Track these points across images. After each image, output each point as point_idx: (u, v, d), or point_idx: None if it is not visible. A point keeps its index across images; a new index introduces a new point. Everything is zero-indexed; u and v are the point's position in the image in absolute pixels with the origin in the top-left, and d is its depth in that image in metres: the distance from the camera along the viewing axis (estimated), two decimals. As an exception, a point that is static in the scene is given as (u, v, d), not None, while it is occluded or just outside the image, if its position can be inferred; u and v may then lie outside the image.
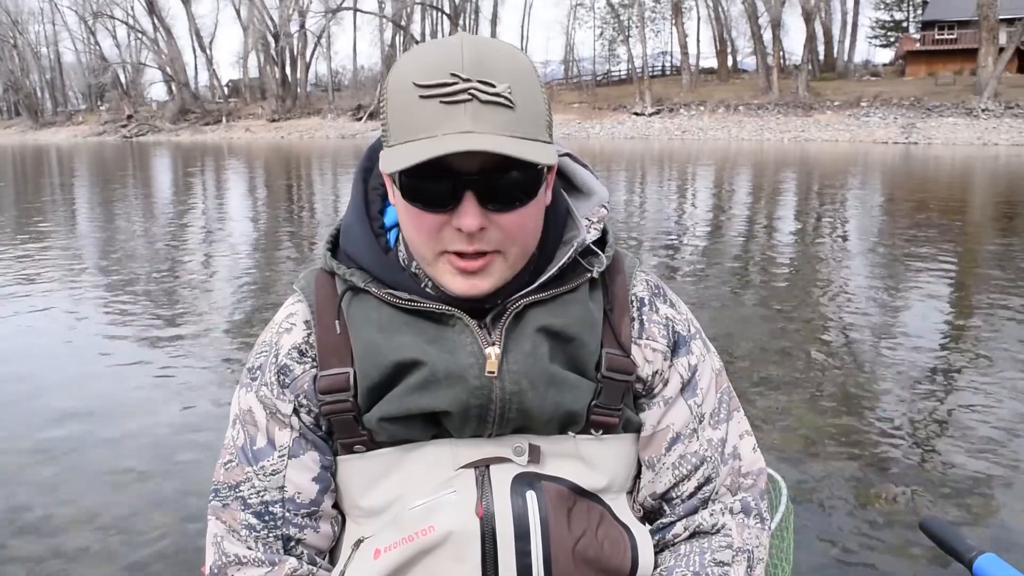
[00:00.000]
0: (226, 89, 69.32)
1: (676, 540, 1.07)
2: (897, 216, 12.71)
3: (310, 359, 1.03)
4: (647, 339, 1.06)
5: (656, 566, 1.05)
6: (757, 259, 8.99)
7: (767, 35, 48.42)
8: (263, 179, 22.83)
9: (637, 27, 54.16)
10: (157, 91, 76.99)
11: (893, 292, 7.17)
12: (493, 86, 0.87)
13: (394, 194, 0.97)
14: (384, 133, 0.94)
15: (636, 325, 1.06)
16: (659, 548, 1.07)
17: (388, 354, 0.98)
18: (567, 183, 1.11)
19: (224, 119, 59.26)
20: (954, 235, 10.67)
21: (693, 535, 1.06)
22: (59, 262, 8.81)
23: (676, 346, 1.08)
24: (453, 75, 0.87)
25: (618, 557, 1.01)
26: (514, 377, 0.97)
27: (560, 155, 1.09)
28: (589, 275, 1.03)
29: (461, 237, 0.92)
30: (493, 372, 0.96)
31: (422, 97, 0.88)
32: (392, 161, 0.89)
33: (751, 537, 1.05)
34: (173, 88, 65.96)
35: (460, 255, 0.93)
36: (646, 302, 1.08)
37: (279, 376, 1.03)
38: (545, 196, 0.99)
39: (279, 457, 1.02)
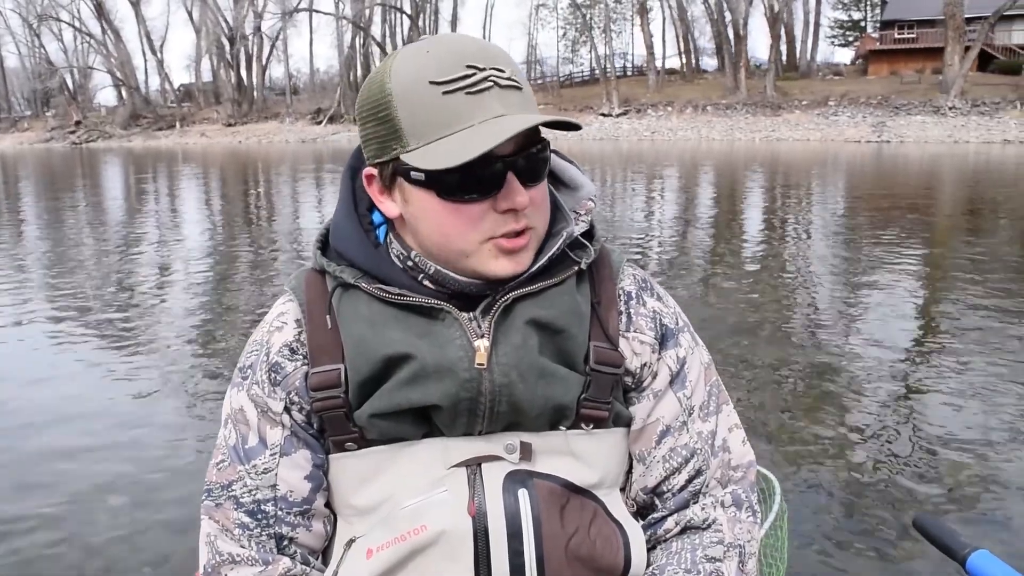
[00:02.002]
0: (177, 94, 68.36)
1: (668, 536, 1.08)
2: (883, 214, 12.93)
3: (301, 356, 1.04)
4: (635, 332, 1.08)
5: (648, 563, 1.06)
6: (737, 258, 9.09)
7: (732, 35, 49.07)
8: (219, 186, 22.60)
9: (599, 28, 54.62)
10: (106, 96, 75.93)
11: (872, 290, 7.30)
12: (503, 71, 0.93)
13: (403, 198, 0.99)
14: (384, 141, 0.96)
15: (624, 318, 1.08)
16: (651, 544, 1.08)
17: (378, 349, 0.99)
18: (554, 178, 1.13)
19: (178, 124, 58.60)
20: (940, 232, 10.88)
21: (684, 530, 1.08)
22: (2, 275, 8.61)
23: (664, 339, 1.10)
24: (470, 66, 0.91)
25: (611, 555, 1.02)
26: (503, 370, 0.98)
27: None
28: (577, 267, 1.05)
29: (508, 218, 0.96)
30: (482, 364, 0.98)
31: (445, 93, 0.91)
32: (439, 158, 0.91)
33: (742, 531, 1.07)
34: (123, 93, 65.07)
35: (506, 236, 0.97)
36: (633, 295, 1.10)
37: (270, 374, 1.04)
38: None
39: (271, 455, 1.04)
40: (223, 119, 57.62)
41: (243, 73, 61.51)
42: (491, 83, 0.92)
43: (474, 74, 0.91)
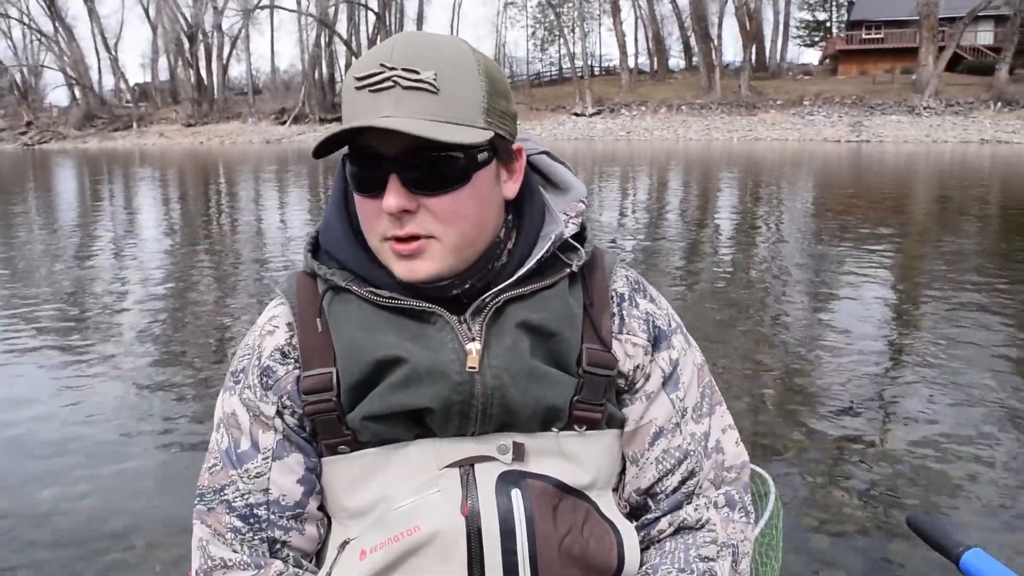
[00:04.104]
0: (133, 93, 67.26)
1: (661, 536, 1.10)
2: (872, 213, 13.10)
3: (293, 360, 1.06)
4: (627, 334, 1.10)
5: (642, 563, 1.09)
6: (717, 258, 9.14)
7: (704, 35, 49.59)
8: (177, 189, 22.30)
9: (568, 27, 54.87)
10: (58, 96, 74.66)
11: (855, 288, 7.38)
12: (417, 73, 0.93)
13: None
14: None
15: (616, 320, 1.11)
16: (644, 544, 1.11)
17: (370, 352, 1.01)
18: (545, 180, 1.16)
19: (135, 124, 57.80)
20: (921, 230, 11.05)
21: (678, 531, 1.10)
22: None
23: (657, 341, 1.12)
24: (382, 65, 0.94)
25: (604, 554, 1.04)
26: (495, 372, 1.01)
27: (537, 153, 1.15)
28: (568, 269, 1.07)
29: (392, 221, 0.98)
30: (474, 368, 1.00)
31: (356, 89, 0.95)
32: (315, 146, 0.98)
33: (736, 531, 1.10)
34: (77, 92, 64.07)
35: (396, 240, 0.99)
36: (626, 297, 1.13)
37: (262, 378, 1.06)
38: (499, 186, 1.03)
39: (263, 459, 1.05)
40: (182, 119, 56.92)
41: (203, 72, 60.86)
42: (392, 83, 0.93)
43: (381, 72, 0.94)
